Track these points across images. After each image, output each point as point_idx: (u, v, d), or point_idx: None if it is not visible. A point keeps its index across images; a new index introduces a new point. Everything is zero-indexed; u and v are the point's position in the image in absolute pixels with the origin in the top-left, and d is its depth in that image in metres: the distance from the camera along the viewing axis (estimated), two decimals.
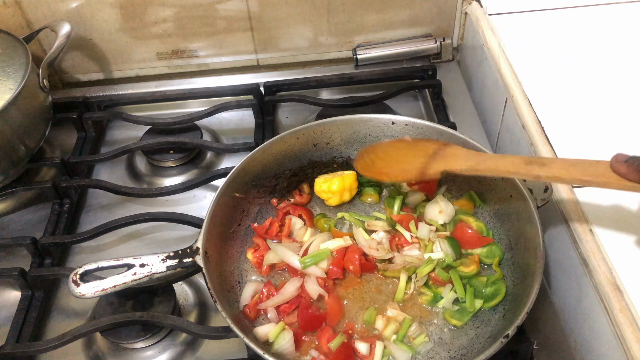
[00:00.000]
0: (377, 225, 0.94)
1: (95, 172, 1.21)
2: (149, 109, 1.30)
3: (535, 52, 1.08)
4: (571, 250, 0.82)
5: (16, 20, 1.23)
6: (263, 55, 1.35)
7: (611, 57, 1.05)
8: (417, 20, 1.31)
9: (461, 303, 0.86)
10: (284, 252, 0.91)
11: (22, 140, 1.06)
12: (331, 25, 1.30)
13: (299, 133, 1.00)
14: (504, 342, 0.72)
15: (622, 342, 0.70)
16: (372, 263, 0.90)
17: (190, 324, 0.87)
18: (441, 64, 1.34)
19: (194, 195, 1.12)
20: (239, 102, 1.22)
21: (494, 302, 0.85)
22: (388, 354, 0.81)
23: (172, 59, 1.34)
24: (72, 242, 1.02)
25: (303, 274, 0.89)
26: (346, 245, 0.91)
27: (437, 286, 0.88)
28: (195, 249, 0.84)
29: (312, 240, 0.92)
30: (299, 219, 0.98)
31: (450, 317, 0.84)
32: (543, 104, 0.98)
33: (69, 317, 0.96)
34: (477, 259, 0.89)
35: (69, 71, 1.35)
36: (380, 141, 0.96)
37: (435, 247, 0.91)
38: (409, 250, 0.92)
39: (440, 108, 1.21)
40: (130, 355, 0.90)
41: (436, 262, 0.89)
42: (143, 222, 1.02)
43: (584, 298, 0.80)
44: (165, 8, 1.24)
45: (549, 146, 0.91)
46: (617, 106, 0.96)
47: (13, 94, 1.00)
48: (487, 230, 0.94)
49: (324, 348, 0.81)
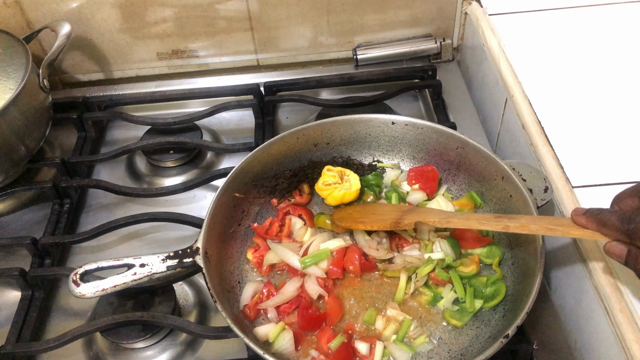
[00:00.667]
0: None
1: (95, 172, 1.21)
2: (149, 109, 1.30)
3: (535, 52, 1.08)
4: (571, 250, 0.82)
5: (16, 20, 1.23)
6: (263, 55, 1.35)
7: (611, 57, 1.05)
8: (417, 20, 1.31)
9: (461, 303, 0.86)
10: (284, 252, 0.91)
11: (22, 140, 1.06)
12: (331, 25, 1.30)
13: (299, 133, 1.00)
14: (504, 342, 0.72)
15: (622, 342, 0.70)
16: (372, 263, 0.90)
17: (190, 324, 0.87)
18: (441, 64, 1.34)
19: (194, 195, 1.12)
20: (239, 102, 1.22)
21: (494, 302, 0.85)
22: (388, 354, 0.81)
23: (172, 59, 1.34)
24: (72, 242, 1.02)
25: (303, 274, 0.89)
26: (346, 245, 0.91)
27: (437, 286, 0.88)
28: (195, 249, 0.84)
29: (312, 240, 0.92)
30: (299, 219, 0.98)
31: (450, 317, 0.84)
32: (543, 104, 0.98)
33: (69, 317, 0.96)
34: (477, 259, 0.89)
35: (69, 71, 1.35)
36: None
37: (435, 247, 0.91)
38: (409, 250, 0.92)
39: (440, 108, 1.21)
40: (130, 355, 0.90)
41: (436, 262, 0.89)
42: (143, 222, 1.02)
43: (584, 298, 0.80)
44: (165, 8, 1.25)
45: (549, 146, 0.91)
46: (617, 106, 0.96)
47: (13, 94, 1.00)
48: (487, 230, 0.94)
49: (324, 348, 0.81)
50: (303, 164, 1.03)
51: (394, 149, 1.04)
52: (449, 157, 0.99)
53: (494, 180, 0.93)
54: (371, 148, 1.04)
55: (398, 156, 1.04)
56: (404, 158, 1.04)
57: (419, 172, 1.00)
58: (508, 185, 0.89)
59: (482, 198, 0.96)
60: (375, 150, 1.05)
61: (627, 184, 0.72)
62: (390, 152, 1.04)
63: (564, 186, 0.86)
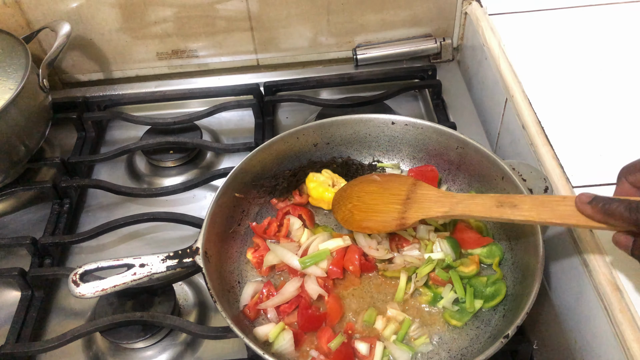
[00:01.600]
0: None
1: (95, 172, 1.21)
2: (149, 109, 1.30)
3: (535, 52, 1.08)
4: (571, 250, 0.82)
5: (16, 20, 1.23)
6: (263, 55, 1.35)
7: (611, 57, 1.05)
8: (417, 20, 1.31)
9: (461, 303, 0.85)
10: (284, 252, 0.91)
11: (22, 140, 1.06)
12: (331, 25, 1.30)
13: (299, 133, 1.00)
14: (504, 342, 0.72)
15: (622, 342, 0.70)
16: (372, 263, 0.90)
17: (190, 324, 0.87)
18: (441, 64, 1.34)
19: (194, 195, 1.12)
20: (239, 102, 1.22)
21: (494, 302, 0.85)
22: (388, 354, 0.82)
23: (172, 59, 1.34)
24: (72, 242, 1.02)
25: (303, 274, 0.89)
26: (346, 245, 0.91)
27: (437, 286, 0.88)
28: (195, 249, 0.84)
29: (311, 240, 0.92)
30: (298, 220, 0.98)
31: (450, 318, 0.84)
32: (543, 104, 0.98)
33: (69, 317, 0.96)
34: (477, 259, 0.89)
35: (69, 71, 1.35)
36: (352, 180, 0.97)
37: (435, 247, 0.91)
38: (409, 250, 0.92)
39: (440, 108, 1.21)
40: (130, 355, 0.90)
41: (436, 262, 0.89)
42: (143, 222, 1.02)
43: (584, 298, 0.80)
44: (165, 8, 1.24)
45: (549, 146, 0.91)
46: (617, 106, 0.96)
47: (13, 94, 1.00)
48: (487, 230, 0.94)
49: (324, 348, 0.81)
50: (303, 163, 1.03)
51: (393, 149, 1.04)
52: (449, 157, 0.99)
53: (494, 180, 0.93)
54: (371, 148, 1.04)
55: (398, 156, 1.04)
56: (404, 158, 1.04)
57: (418, 172, 1.00)
58: (508, 185, 0.89)
59: None
60: (375, 150, 1.05)
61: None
62: (390, 152, 1.04)
63: (564, 186, 0.86)
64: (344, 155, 1.05)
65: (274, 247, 0.92)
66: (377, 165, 1.05)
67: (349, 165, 1.03)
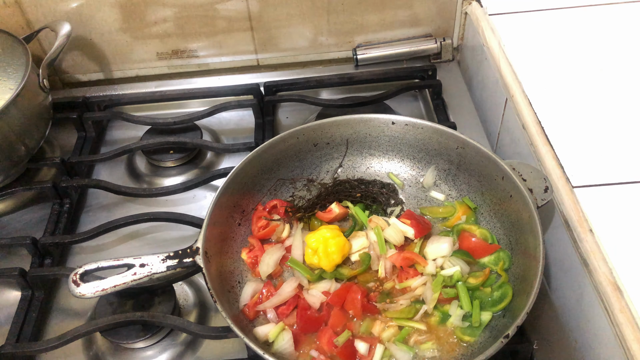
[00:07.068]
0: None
1: (95, 172, 1.21)
2: (149, 109, 1.30)
3: (535, 52, 1.08)
4: (571, 250, 0.82)
5: (16, 20, 1.23)
6: (263, 55, 1.35)
7: (611, 57, 1.05)
8: (417, 20, 1.31)
9: (470, 317, 0.83)
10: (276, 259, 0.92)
11: (22, 140, 1.06)
12: (331, 25, 1.30)
13: (299, 133, 1.00)
14: (504, 342, 0.72)
15: (622, 342, 0.70)
16: (374, 306, 0.86)
17: (190, 324, 0.87)
18: (441, 64, 1.34)
19: (194, 195, 1.12)
20: (239, 102, 1.22)
21: (502, 306, 0.83)
22: (389, 354, 0.81)
23: (172, 59, 1.34)
24: (72, 242, 1.02)
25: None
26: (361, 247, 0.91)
27: (442, 305, 0.85)
28: (195, 249, 0.84)
29: (292, 235, 0.93)
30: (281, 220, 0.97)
31: (462, 335, 0.82)
32: (543, 104, 0.98)
33: (69, 317, 0.96)
34: (487, 272, 0.87)
35: (69, 71, 1.35)
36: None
37: (447, 264, 0.89)
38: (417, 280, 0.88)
39: (440, 108, 1.21)
40: (130, 355, 0.90)
41: (442, 282, 0.86)
42: (143, 222, 1.02)
43: (584, 298, 0.80)
44: (165, 8, 1.24)
45: (549, 146, 0.91)
46: (617, 106, 0.96)
47: (13, 94, 1.00)
48: (492, 236, 0.92)
49: (325, 348, 0.81)
50: (327, 185, 1.01)
51: (394, 149, 1.04)
52: (449, 157, 0.99)
53: (494, 180, 0.93)
54: (371, 148, 1.04)
55: (398, 156, 1.04)
56: (404, 158, 1.04)
57: (416, 218, 0.94)
58: (508, 185, 0.89)
59: (482, 198, 0.96)
60: (375, 150, 1.04)
61: (627, 184, 0.72)
62: (390, 152, 1.04)
63: (564, 186, 0.86)
64: (362, 186, 1.01)
65: (264, 258, 0.91)
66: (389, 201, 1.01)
67: (370, 199, 1.00)
